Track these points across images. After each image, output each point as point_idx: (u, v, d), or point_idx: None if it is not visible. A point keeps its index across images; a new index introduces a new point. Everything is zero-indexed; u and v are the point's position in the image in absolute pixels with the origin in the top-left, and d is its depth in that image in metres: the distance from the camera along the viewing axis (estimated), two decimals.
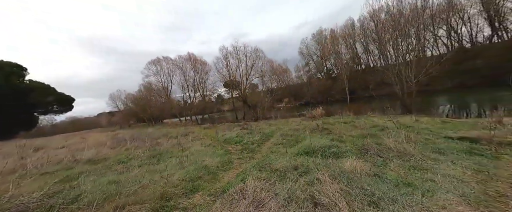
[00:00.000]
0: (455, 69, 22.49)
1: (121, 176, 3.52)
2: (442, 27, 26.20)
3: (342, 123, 8.73)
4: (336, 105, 23.79)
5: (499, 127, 4.49)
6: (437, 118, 8.21)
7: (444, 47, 27.68)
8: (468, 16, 24.87)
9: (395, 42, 12.65)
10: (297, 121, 13.06)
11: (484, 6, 23.00)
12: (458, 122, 6.84)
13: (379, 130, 6.10)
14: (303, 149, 4.37)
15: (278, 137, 6.95)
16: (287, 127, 9.36)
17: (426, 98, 17.89)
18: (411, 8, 12.96)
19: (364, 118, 11.47)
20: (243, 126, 10.63)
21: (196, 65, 22.72)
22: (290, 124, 11.26)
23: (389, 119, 9.14)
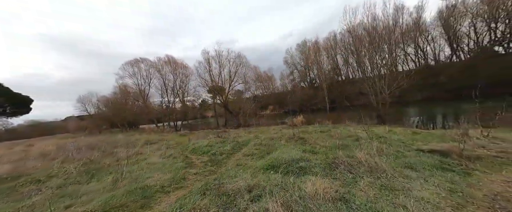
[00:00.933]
0: (423, 83, 24.37)
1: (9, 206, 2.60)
2: (410, 45, 28.57)
3: (319, 132, 8.46)
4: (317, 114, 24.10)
5: (466, 139, 4.42)
6: (408, 129, 8.33)
7: (413, 63, 30.13)
8: (432, 37, 27.55)
9: (371, 56, 13.18)
10: (277, 129, 12.68)
11: (444, 29, 25.66)
12: (427, 133, 6.90)
13: (353, 140, 5.85)
14: (270, 162, 3.83)
15: (251, 147, 6.37)
16: (265, 136, 8.85)
17: (399, 109, 18.80)
18: (384, 26, 13.72)
19: (341, 127, 11.46)
20: (219, 134, 9.88)
21: (177, 68, 21.60)
22: (269, 132, 10.79)
23: (364, 129, 9.15)
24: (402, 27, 27.16)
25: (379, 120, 12.13)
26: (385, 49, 13.72)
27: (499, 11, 20.79)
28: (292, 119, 15.81)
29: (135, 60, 22.03)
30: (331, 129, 9.94)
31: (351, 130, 8.83)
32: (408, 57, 29.48)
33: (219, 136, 8.99)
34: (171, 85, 22.40)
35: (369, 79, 13.18)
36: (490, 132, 4.75)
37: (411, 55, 29.16)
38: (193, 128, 23.53)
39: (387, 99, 12.14)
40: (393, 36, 14.45)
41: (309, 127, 12.08)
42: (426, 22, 26.51)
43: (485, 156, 3.50)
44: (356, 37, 14.54)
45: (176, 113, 27.52)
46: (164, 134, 16.81)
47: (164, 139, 11.56)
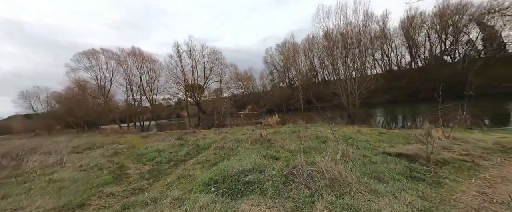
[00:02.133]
0: (388, 86, 26.28)
1: None
2: (378, 51, 30.74)
3: (289, 133, 7.90)
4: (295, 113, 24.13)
5: (430, 141, 4.18)
6: (375, 129, 8.29)
7: (379, 68, 32.49)
8: (395, 44, 30.05)
9: (344, 60, 13.33)
10: (250, 130, 11.95)
11: (405, 38, 28.14)
12: (393, 133, 6.84)
13: (321, 142, 5.34)
14: (216, 174, 2.96)
15: (210, 152, 5.41)
16: (233, 137, 7.96)
17: (367, 110, 19.72)
18: (355, 32, 14.02)
19: (314, 127, 11.21)
20: (181, 136, 8.64)
21: (145, 62, 19.27)
22: (239, 133, 9.95)
23: (335, 129, 8.97)
24: (371, 33, 29.04)
25: (349, 120, 12.28)
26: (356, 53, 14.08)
27: (448, 25, 23.44)
28: (267, 119, 15.24)
29: (92, 50, 18.96)
30: (303, 129, 9.53)
31: (321, 131, 8.50)
32: (376, 62, 31.62)
33: (180, 138, 7.79)
34: (137, 81, 19.96)
35: (341, 81, 13.35)
36: (450, 133, 4.62)
37: (378, 61, 31.31)
38: (164, 128, 21.41)
39: (356, 100, 12.35)
40: (363, 41, 14.94)
41: (283, 127, 11.60)
42: (390, 31, 28.69)
43: (451, 160, 3.17)
44: (331, 40, 14.69)
45: (144, 112, 24.84)
46: (124, 136, 14.69)
47: (117, 142, 9.84)
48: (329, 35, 14.99)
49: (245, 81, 48.25)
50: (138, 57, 19.18)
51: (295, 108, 33.50)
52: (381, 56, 30.64)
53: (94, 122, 27.73)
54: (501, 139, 4.46)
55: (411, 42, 27.21)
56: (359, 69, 32.65)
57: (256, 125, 16.47)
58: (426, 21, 25.45)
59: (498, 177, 2.62)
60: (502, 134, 5.06)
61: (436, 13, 24.20)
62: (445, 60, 25.41)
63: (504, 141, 4.19)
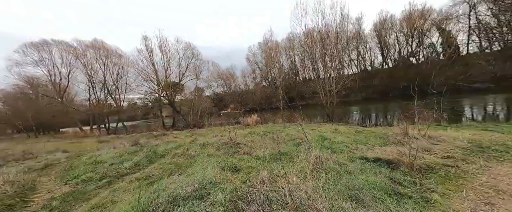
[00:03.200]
0: (364, 85, 27.46)
1: None
2: (353, 52, 32.01)
3: (264, 134, 7.21)
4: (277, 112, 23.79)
5: (409, 142, 3.78)
6: (352, 128, 8.03)
7: (355, 68, 33.94)
8: (369, 46, 31.58)
9: (323, 59, 13.12)
10: (227, 130, 11.06)
11: (378, 40, 29.70)
12: (369, 132, 6.56)
13: (295, 144, 4.72)
14: (153, 197, 2.06)
15: (165, 161, 4.41)
16: (203, 140, 7.00)
17: (345, 107, 20.15)
18: (332, 31, 13.89)
19: (293, 126, 10.74)
20: (138, 140, 7.37)
21: (109, 57, 16.89)
22: (212, 134, 9.00)
23: (313, 128, 8.58)
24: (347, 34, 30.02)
25: (328, 118, 12.14)
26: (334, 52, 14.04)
27: (414, 28, 25.20)
28: (246, 119, 14.45)
29: (43, 41, 15.98)
30: (280, 129, 8.95)
31: (299, 131, 8.00)
32: (352, 62, 32.89)
33: (136, 143, 6.55)
34: (102, 78, 17.43)
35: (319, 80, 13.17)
36: (427, 131, 4.32)
37: (354, 61, 32.60)
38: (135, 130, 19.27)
39: (334, 99, 12.25)
40: (340, 42, 14.94)
41: (260, 127, 10.93)
42: (365, 33, 30.00)
43: (435, 165, 2.71)
44: (309, 39, 14.40)
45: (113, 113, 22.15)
46: (81, 141, 12.62)
47: (65, 149, 8.14)
48: (310, 34, 14.70)
49: (227, 80, 46.81)
50: (101, 51, 16.74)
51: (278, 107, 33.36)
52: (357, 57, 31.94)
53: (51, 125, 24.03)
54: (473, 136, 4.28)
55: (383, 44, 28.76)
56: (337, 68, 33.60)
57: (235, 125, 15.62)
58: (395, 25, 27.05)
59: (490, 186, 2.17)
60: (471, 130, 4.98)
61: (404, 17, 25.82)
62: (411, 61, 27.36)
63: (477, 139, 3.98)
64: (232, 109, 40.63)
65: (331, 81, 12.11)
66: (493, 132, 4.68)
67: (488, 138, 4.02)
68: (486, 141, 3.81)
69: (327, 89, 12.09)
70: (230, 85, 47.12)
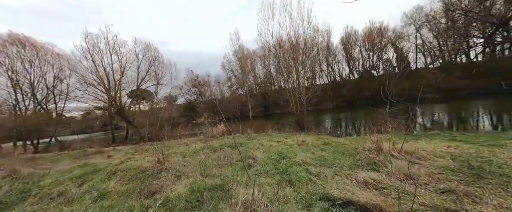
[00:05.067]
0: (333, 94, 28.55)
1: None
2: (323, 63, 33.63)
3: (214, 151, 5.73)
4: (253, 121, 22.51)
5: (382, 159, 2.81)
6: (321, 138, 7.16)
7: (326, 78, 35.62)
8: (338, 58, 33.68)
9: (296, 68, 12.61)
10: (183, 144, 9.26)
11: (345, 53, 31.87)
12: (338, 143, 5.70)
13: (240, 169, 3.40)
14: None
15: (36, 201, 2.56)
16: (128, 165, 5.12)
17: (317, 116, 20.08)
18: (301, 39, 13.63)
19: (261, 137, 9.54)
20: (13, 169, 5.03)
21: (42, 56, 13.33)
22: (151, 154, 7.12)
23: (278, 140, 7.49)
24: (318, 45, 31.45)
25: (299, 127, 11.35)
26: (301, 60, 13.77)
27: (373, 44, 27.71)
28: (211, 129, 12.73)
29: None
30: (244, 141, 7.63)
31: (263, 144, 6.78)
32: (323, 72, 34.41)
33: (12, 173, 4.32)
34: (39, 80, 13.58)
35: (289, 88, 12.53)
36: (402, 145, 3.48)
37: (325, 71, 34.17)
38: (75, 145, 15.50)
39: (304, 107, 11.61)
40: (309, 50, 14.83)
41: (224, 139, 9.41)
42: (334, 46, 31.94)
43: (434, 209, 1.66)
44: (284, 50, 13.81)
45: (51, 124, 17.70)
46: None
47: None
48: (279, 39, 14.16)
49: (201, 87, 44.23)
50: (27, 48, 13.16)
51: (253, 116, 32.25)
52: (327, 67, 33.55)
53: None
54: (450, 150, 3.60)
55: (349, 57, 30.85)
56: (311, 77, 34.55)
57: (199, 136, 13.67)
58: (358, 40, 29.43)
59: None
60: (443, 142, 4.41)
61: (365, 33, 28.30)
62: (373, 73, 29.81)
63: (458, 154, 3.27)
64: (206, 118, 37.98)
65: (301, 90, 11.51)
66: (465, 143, 4.16)
67: (468, 152, 3.35)
68: (470, 156, 3.09)
69: (297, 97, 11.40)
70: (205, 93, 44.63)
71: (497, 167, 2.61)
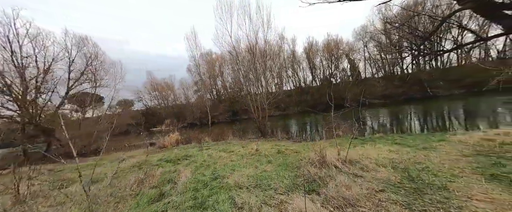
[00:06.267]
0: (299, 100, 29.80)
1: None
2: (289, 70, 35.18)
3: (147, 166, 4.49)
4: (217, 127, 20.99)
5: (324, 173, 2.29)
6: (278, 145, 6.67)
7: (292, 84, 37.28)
8: (302, 66, 35.80)
9: (255, 72, 12.19)
10: (118, 160, 7.45)
11: (308, 61, 34.13)
12: (291, 151, 5.26)
13: (148, 201, 2.42)
14: None
15: None
16: None
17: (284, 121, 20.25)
18: (260, 42, 13.45)
19: (219, 145, 8.55)
20: None
21: None
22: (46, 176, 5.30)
23: (231, 150, 6.66)
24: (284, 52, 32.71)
25: (260, 133, 10.82)
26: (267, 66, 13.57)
27: (331, 55, 30.50)
28: (163, 139, 10.96)
29: None
30: (195, 152, 6.53)
31: (212, 155, 5.82)
32: (290, 79, 35.85)
33: None
34: None
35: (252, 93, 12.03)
36: (347, 153, 3.11)
37: (291, 78, 35.67)
38: None
39: (266, 113, 11.21)
40: (270, 54, 14.81)
41: (173, 151, 8.01)
42: (298, 54, 33.80)
43: None
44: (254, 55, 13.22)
45: None
46: None
47: None
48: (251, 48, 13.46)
49: (163, 91, 40.11)
50: None
51: (220, 121, 30.68)
52: (292, 74, 35.13)
53: None
54: (391, 155, 3.44)
55: (311, 65, 33.08)
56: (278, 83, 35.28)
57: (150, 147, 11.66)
58: (319, 50, 31.96)
59: None
60: (386, 146, 4.39)
61: (324, 44, 30.96)
62: (332, 81, 32.67)
63: (398, 160, 3.08)
64: (167, 125, 34.24)
65: (262, 96, 11.10)
66: (404, 146, 4.19)
67: (407, 158, 3.22)
68: (409, 163, 2.90)
69: (258, 103, 10.92)
70: (167, 98, 40.62)
71: (433, 176, 2.40)
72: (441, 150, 3.56)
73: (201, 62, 37.86)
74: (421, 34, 7.55)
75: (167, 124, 34.55)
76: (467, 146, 3.63)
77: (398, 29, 8.39)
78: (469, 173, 2.48)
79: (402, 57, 8.44)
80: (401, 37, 9.64)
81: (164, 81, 41.14)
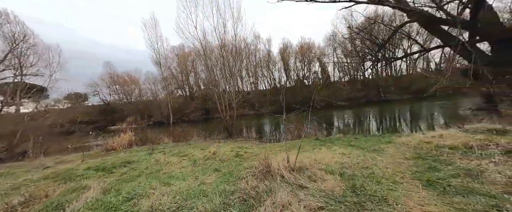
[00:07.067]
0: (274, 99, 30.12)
1: None
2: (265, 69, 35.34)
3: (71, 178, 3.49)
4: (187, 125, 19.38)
5: (266, 186, 1.89)
6: (240, 146, 6.22)
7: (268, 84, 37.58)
8: (278, 66, 36.36)
9: (222, 67, 11.48)
10: (43, 166, 5.93)
11: (283, 62, 34.85)
12: (250, 155, 4.87)
13: None
14: None
15: None
16: None
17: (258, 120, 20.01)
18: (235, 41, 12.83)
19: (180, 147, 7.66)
20: None
21: None
22: None
23: (184, 154, 5.92)
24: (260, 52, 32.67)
25: (228, 133, 10.24)
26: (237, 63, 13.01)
27: (304, 57, 31.76)
28: (112, 140, 9.38)
29: None
30: (144, 156, 5.57)
31: (159, 161, 5.02)
32: (265, 78, 36.01)
33: None
34: None
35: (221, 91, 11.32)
36: (296, 159, 2.82)
37: (266, 78, 35.87)
38: None
39: (234, 112, 10.70)
40: (253, 58, 14.34)
41: (120, 154, 6.81)
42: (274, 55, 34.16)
43: None
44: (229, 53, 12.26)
45: None
46: None
47: None
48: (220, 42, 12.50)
49: (126, 85, 35.69)
50: None
51: (190, 120, 28.80)
52: (268, 74, 35.37)
53: None
54: (343, 159, 3.32)
55: (286, 66, 33.83)
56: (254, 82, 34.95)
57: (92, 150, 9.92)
58: (293, 52, 32.90)
59: None
60: (341, 148, 4.35)
61: (298, 47, 32.01)
62: (305, 82, 34.09)
63: (348, 164, 2.94)
64: (130, 123, 30.61)
65: (231, 94, 10.54)
66: (357, 148, 4.20)
67: (357, 162, 3.12)
68: (357, 168, 2.77)
69: (226, 102, 10.31)
70: (131, 93, 36.33)
71: (377, 184, 2.25)
72: (387, 153, 3.62)
73: (170, 55, 34.90)
74: (378, 42, 8.13)
75: (129, 122, 30.86)
76: (409, 148, 3.78)
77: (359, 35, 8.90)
78: (409, 179, 2.43)
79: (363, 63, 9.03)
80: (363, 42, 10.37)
81: (127, 74, 36.65)
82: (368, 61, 9.11)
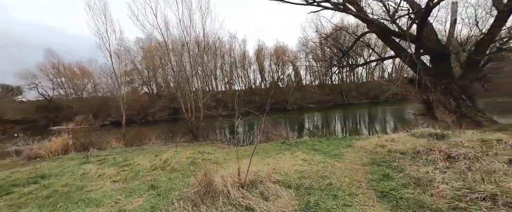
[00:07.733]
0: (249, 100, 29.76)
1: None
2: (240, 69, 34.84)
3: None
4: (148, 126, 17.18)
5: (206, 207, 1.38)
6: (200, 152, 5.52)
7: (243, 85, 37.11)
8: (253, 68, 36.28)
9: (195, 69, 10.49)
10: None
11: (258, 64, 34.97)
12: (207, 161, 4.29)
13: None
14: None
15: None
16: None
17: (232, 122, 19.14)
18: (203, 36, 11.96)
19: (126, 153, 6.47)
20: None
21: None
22: None
23: (127, 162, 4.92)
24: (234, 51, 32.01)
25: (192, 136, 9.33)
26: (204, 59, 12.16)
27: (279, 60, 32.52)
28: (39, 144, 7.42)
29: None
30: (72, 168, 4.33)
31: (88, 175, 3.98)
32: (240, 79, 35.44)
33: None
34: None
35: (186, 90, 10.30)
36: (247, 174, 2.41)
37: (241, 78, 35.36)
38: None
39: (201, 113, 9.85)
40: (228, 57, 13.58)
41: (38, 165, 5.28)
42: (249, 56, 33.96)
43: None
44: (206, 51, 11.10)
45: None
46: None
47: None
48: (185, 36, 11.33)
49: (76, 78, 30.25)
50: None
51: (157, 120, 26.06)
52: (243, 74, 34.93)
53: None
54: (303, 168, 3.06)
55: (261, 67, 34.00)
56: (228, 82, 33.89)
57: (14, 155, 7.76)
58: (268, 54, 33.33)
59: None
60: (304, 153, 4.16)
61: (273, 50, 32.58)
62: (279, 84, 34.89)
63: (308, 175, 2.67)
64: (79, 123, 25.97)
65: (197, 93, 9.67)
66: (319, 153, 4.08)
67: (316, 170, 2.89)
68: (315, 178, 2.52)
69: (192, 102, 9.39)
70: (83, 88, 31.00)
71: (333, 198, 2.00)
72: (346, 158, 3.55)
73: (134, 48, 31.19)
74: (343, 49, 8.59)
75: (78, 121, 26.10)
76: (366, 152, 3.81)
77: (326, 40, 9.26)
78: (365, 189, 2.28)
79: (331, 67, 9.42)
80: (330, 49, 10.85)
81: (78, 66, 31.09)
82: (334, 67, 9.59)
